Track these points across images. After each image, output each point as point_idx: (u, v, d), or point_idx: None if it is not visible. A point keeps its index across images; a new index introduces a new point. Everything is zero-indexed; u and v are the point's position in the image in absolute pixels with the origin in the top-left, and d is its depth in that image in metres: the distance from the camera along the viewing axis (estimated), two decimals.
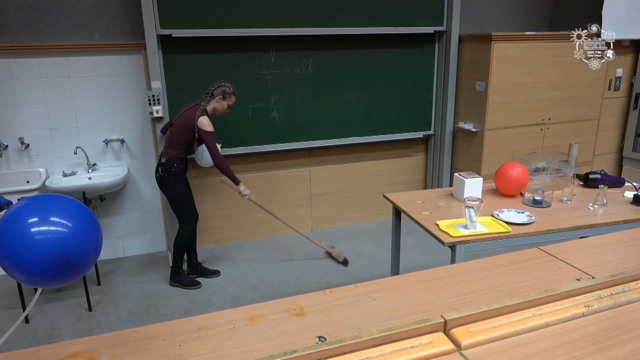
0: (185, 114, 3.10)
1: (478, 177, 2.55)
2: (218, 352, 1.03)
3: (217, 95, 3.12)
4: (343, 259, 3.67)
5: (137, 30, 3.38)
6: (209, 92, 3.13)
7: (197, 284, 3.35)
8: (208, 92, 3.13)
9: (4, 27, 3.17)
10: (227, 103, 3.16)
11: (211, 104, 3.13)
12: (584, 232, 2.22)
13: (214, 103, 3.13)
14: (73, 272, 0.92)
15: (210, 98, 3.12)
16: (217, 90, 3.12)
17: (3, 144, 3.32)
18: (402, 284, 1.30)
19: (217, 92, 3.12)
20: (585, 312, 1.09)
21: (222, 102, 3.14)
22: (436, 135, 4.40)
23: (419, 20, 3.96)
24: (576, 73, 4.04)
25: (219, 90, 3.12)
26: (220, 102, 3.14)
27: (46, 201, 0.94)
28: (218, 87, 3.12)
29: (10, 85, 3.27)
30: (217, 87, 3.12)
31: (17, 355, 1.06)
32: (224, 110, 3.18)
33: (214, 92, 3.12)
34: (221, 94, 3.12)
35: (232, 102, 3.19)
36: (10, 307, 3.10)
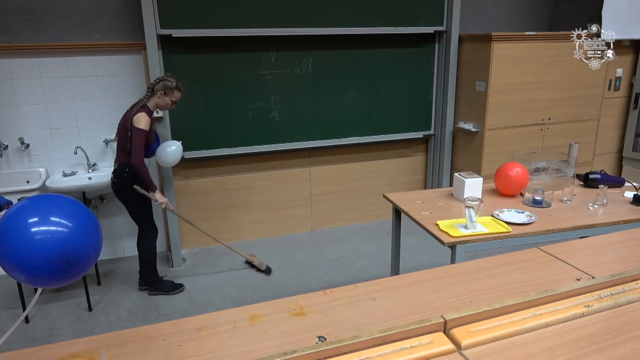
0: (126, 115, 2.93)
1: (478, 177, 2.55)
2: (218, 352, 1.03)
3: (158, 90, 2.89)
4: (265, 267, 3.54)
5: (137, 30, 3.38)
6: (150, 87, 2.92)
7: (180, 286, 3.28)
8: (150, 87, 2.93)
9: (4, 27, 3.18)
10: (170, 99, 2.94)
11: (152, 99, 2.92)
12: (584, 232, 2.22)
13: (155, 99, 2.92)
14: (73, 272, 0.92)
15: (151, 94, 2.91)
16: (158, 85, 2.89)
17: (3, 144, 3.32)
18: (402, 284, 1.30)
19: (158, 87, 2.89)
20: (585, 312, 1.09)
21: (164, 97, 2.92)
22: (436, 135, 4.40)
23: (419, 20, 3.96)
24: (576, 73, 4.04)
25: (160, 85, 2.89)
26: (162, 98, 2.92)
27: (46, 201, 0.94)
28: (159, 82, 2.90)
29: (10, 85, 3.27)
30: (159, 82, 2.90)
31: (18, 355, 1.06)
32: (167, 106, 2.98)
33: (154, 87, 2.90)
34: (162, 89, 2.89)
35: (176, 98, 2.97)
36: (10, 307, 3.10)
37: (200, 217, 3.91)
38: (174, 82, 2.92)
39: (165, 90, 2.90)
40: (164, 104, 2.95)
